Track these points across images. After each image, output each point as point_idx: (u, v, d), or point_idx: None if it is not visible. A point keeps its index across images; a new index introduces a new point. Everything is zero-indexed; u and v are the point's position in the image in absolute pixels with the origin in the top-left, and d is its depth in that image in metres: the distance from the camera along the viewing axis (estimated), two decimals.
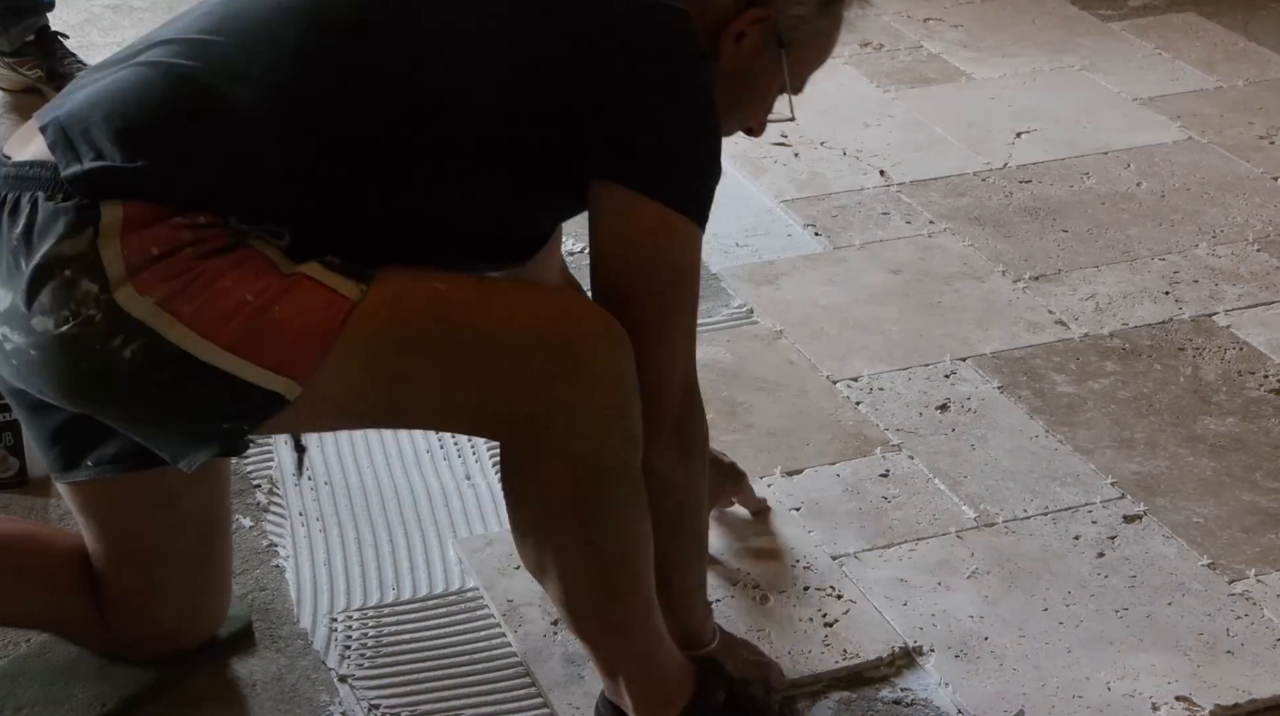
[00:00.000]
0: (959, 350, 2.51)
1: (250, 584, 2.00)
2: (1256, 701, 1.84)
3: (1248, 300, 2.67)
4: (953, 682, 1.86)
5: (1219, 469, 2.25)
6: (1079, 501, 2.17)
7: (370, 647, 1.89)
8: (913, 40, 3.69)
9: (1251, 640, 1.93)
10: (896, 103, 3.38)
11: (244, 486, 2.17)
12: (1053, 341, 2.55)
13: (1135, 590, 2.01)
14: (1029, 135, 3.24)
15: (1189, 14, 3.88)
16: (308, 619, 1.95)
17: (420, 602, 1.97)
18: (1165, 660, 1.89)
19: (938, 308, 2.63)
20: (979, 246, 2.82)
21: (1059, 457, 2.26)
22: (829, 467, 2.23)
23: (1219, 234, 2.88)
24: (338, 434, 2.26)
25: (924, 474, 2.22)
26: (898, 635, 1.92)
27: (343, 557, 2.04)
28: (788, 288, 2.68)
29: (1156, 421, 2.35)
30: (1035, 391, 2.41)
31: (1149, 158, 3.16)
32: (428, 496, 2.15)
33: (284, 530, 2.09)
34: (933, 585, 2.01)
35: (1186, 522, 2.13)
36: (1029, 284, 2.71)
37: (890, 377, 2.44)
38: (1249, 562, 2.06)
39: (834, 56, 1.81)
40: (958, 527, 2.11)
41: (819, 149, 3.17)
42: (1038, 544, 2.09)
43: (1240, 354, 2.52)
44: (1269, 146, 3.21)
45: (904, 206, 2.96)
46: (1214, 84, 3.50)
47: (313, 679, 1.86)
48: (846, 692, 1.84)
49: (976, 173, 3.09)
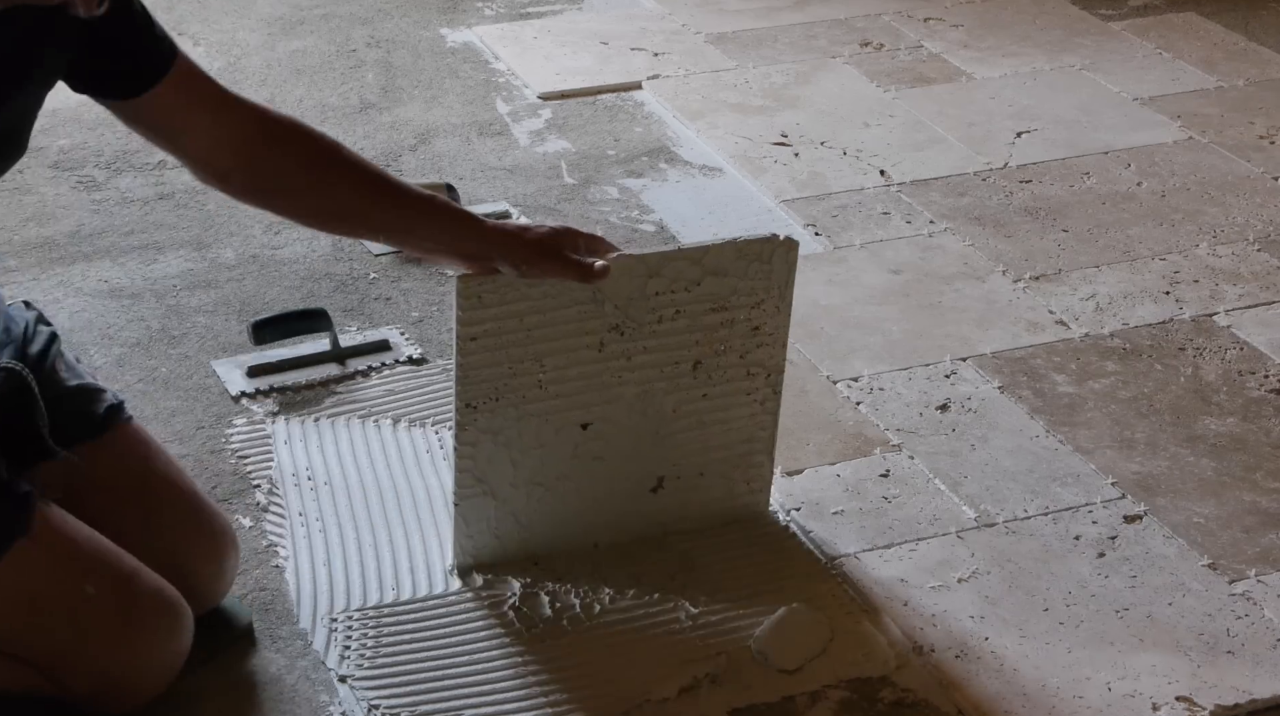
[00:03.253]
0: (959, 350, 2.51)
1: (250, 584, 2.00)
2: (1257, 701, 1.84)
3: (1248, 300, 2.67)
4: (953, 682, 1.86)
5: (1219, 469, 2.25)
6: (1079, 501, 2.17)
7: (370, 647, 1.89)
8: (913, 40, 3.69)
9: (1252, 640, 1.93)
10: (896, 103, 3.38)
11: (244, 486, 2.17)
12: (1053, 341, 2.55)
13: (1135, 590, 2.01)
14: (1029, 135, 3.24)
15: (1189, 14, 3.88)
16: (307, 619, 1.94)
17: (420, 602, 1.97)
18: (1166, 660, 1.89)
19: (938, 308, 2.63)
20: (979, 246, 2.82)
21: (1059, 458, 2.26)
22: (829, 467, 2.23)
23: (1219, 234, 2.88)
24: (338, 434, 2.26)
25: (924, 474, 2.22)
26: (898, 635, 1.92)
27: (343, 558, 2.04)
28: None
29: (1157, 421, 2.35)
30: (1035, 391, 2.41)
31: (1149, 157, 3.16)
32: (428, 496, 2.15)
33: (284, 530, 2.09)
34: (933, 585, 2.01)
35: (1187, 523, 2.13)
36: (1029, 284, 2.71)
37: (890, 377, 2.44)
38: (1249, 563, 2.06)
39: (833, 56, 1.80)
40: (958, 527, 2.11)
41: (819, 149, 3.17)
42: (1038, 544, 2.09)
43: (1240, 354, 2.52)
44: (1269, 146, 3.21)
45: (904, 206, 2.96)
46: (1214, 84, 3.50)
47: (312, 679, 1.86)
48: (846, 693, 1.84)
49: (977, 172, 3.09)
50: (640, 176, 3.06)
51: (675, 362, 1.95)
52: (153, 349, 2.48)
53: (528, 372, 1.89)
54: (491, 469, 1.94)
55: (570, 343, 1.89)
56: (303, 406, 2.33)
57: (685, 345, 1.94)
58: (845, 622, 1.94)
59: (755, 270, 1.92)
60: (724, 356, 1.96)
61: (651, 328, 1.91)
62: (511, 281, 1.82)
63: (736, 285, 1.92)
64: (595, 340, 1.90)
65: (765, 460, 2.07)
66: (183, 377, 2.40)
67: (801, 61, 3.53)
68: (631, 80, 3.47)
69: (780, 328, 1.97)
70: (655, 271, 1.88)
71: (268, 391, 2.35)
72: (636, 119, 3.31)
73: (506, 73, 3.51)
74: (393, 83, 3.42)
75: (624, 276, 1.87)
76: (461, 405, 1.89)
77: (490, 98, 3.39)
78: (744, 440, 2.04)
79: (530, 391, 1.90)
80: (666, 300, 1.90)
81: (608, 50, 3.61)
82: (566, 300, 1.86)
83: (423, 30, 3.71)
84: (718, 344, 1.95)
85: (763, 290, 1.94)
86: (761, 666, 1.86)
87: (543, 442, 1.95)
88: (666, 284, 1.89)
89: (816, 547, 2.07)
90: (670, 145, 3.20)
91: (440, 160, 3.10)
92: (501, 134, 3.23)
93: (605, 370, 1.92)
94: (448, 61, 3.56)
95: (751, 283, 1.93)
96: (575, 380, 1.92)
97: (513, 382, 1.89)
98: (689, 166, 3.11)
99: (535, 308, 1.85)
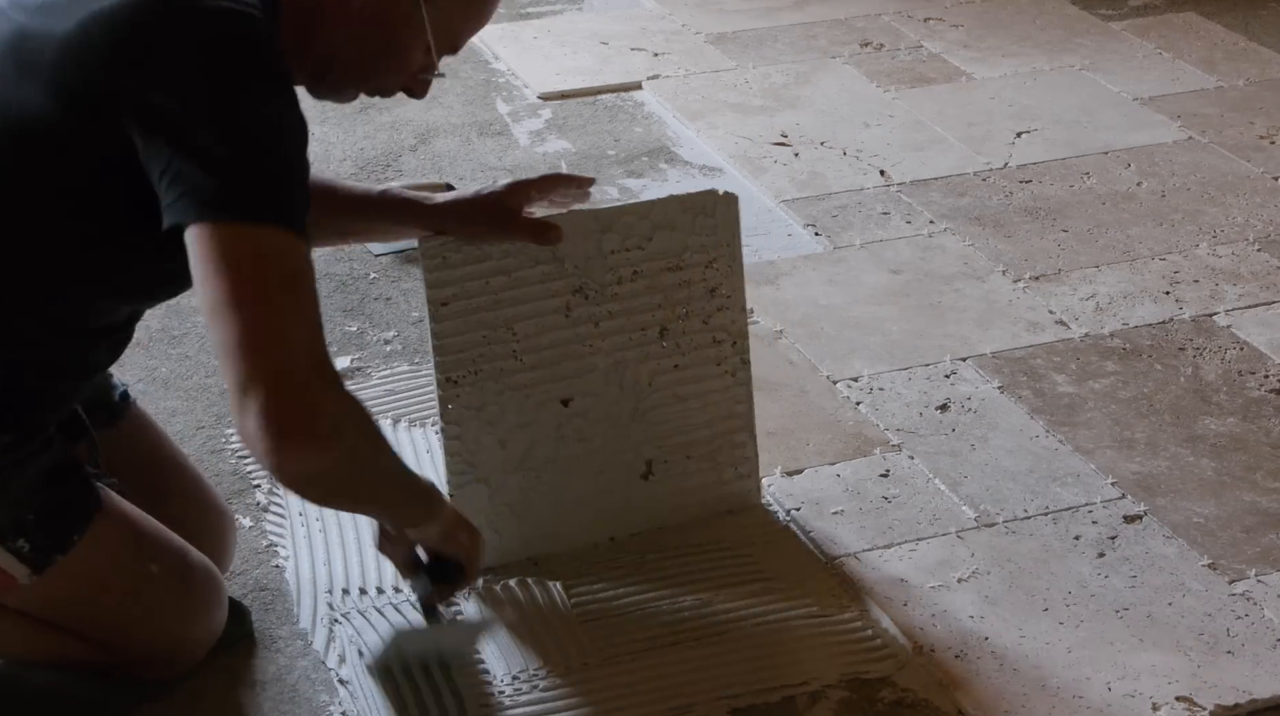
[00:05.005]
0: (959, 350, 2.51)
1: (250, 584, 2.00)
2: (1257, 701, 1.84)
3: (1248, 300, 2.67)
4: (953, 682, 1.86)
5: (1219, 469, 2.25)
6: (1079, 501, 2.17)
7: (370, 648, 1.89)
8: (913, 40, 3.69)
9: (1252, 640, 1.93)
10: (896, 103, 3.38)
11: (244, 486, 2.18)
12: (1053, 341, 2.55)
13: (1136, 590, 2.01)
14: (1029, 135, 3.24)
15: (1189, 14, 3.88)
16: (307, 619, 1.95)
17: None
18: (1166, 660, 1.89)
19: (938, 308, 2.63)
20: (979, 246, 2.82)
21: (1059, 457, 2.26)
22: (829, 467, 2.23)
23: (1219, 234, 2.88)
24: None
25: (924, 474, 2.22)
26: (898, 635, 1.92)
27: (343, 558, 2.04)
28: (788, 287, 2.68)
29: (1157, 421, 2.35)
30: (1035, 391, 2.41)
31: (1149, 157, 3.16)
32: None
33: (284, 530, 2.09)
34: (933, 585, 2.01)
35: (1187, 522, 2.13)
36: (1029, 284, 2.71)
37: (890, 377, 2.44)
38: (1249, 562, 2.06)
39: (833, 56, 1.80)
40: (958, 527, 2.11)
41: (819, 149, 3.17)
42: (1038, 544, 2.09)
43: (1240, 354, 2.52)
44: (1269, 146, 3.21)
45: (904, 206, 2.96)
46: (1214, 84, 3.50)
47: (312, 679, 1.86)
48: (846, 693, 1.84)
49: (977, 172, 3.09)
50: (640, 176, 3.06)
51: (642, 328, 2.00)
52: (153, 349, 2.48)
53: (501, 341, 1.94)
54: (480, 451, 1.97)
55: (537, 306, 1.95)
56: None
57: (648, 308, 2.00)
58: (845, 622, 1.94)
59: (701, 224, 2.00)
60: (687, 321, 2.02)
61: (613, 289, 1.97)
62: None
63: (686, 241, 2.00)
64: (561, 303, 1.96)
65: (748, 439, 2.10)
66: (183, 377, 2.40)
67: (801, 61, 3.53)
68: (631, 80, 3.47)
69: (736, 290, 2.04)
70: (607, 227, 1.96)
71: None
72: (636, 119, 3.31)
73: (506, 73, 3.51)
74: None
75: (578, 234, 1.94)
76: (442, 378, 1.93)
77: (490, 98, 3.39)
78: (724, 417, 2.07)
79: (507, 361, 1.95)
80: (622, 258, 1.97)
81: (608, 50, 3.62)
82: (528, 259, 1.93)
83: None
84: (679, 306, 2.01)
85: (712, 247, 2.01)
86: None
87: (526, 420, 1.98)
88: (620, 241, 1.96)
89: (816, 547, 2.07)
90: (670, 145, 3.20)
91: (440, 160, 3.10)
92: (501, 134, 3.23)
93: (575, 337, 1.98)
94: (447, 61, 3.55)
95: (700, 238, 2.00)
96: (548, 348, 1.97)
97: (488, 352, 1.94)
98: (689, 166, 3.11)
99: (499, 268, 1.92)
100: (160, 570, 1.75)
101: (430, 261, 1.90)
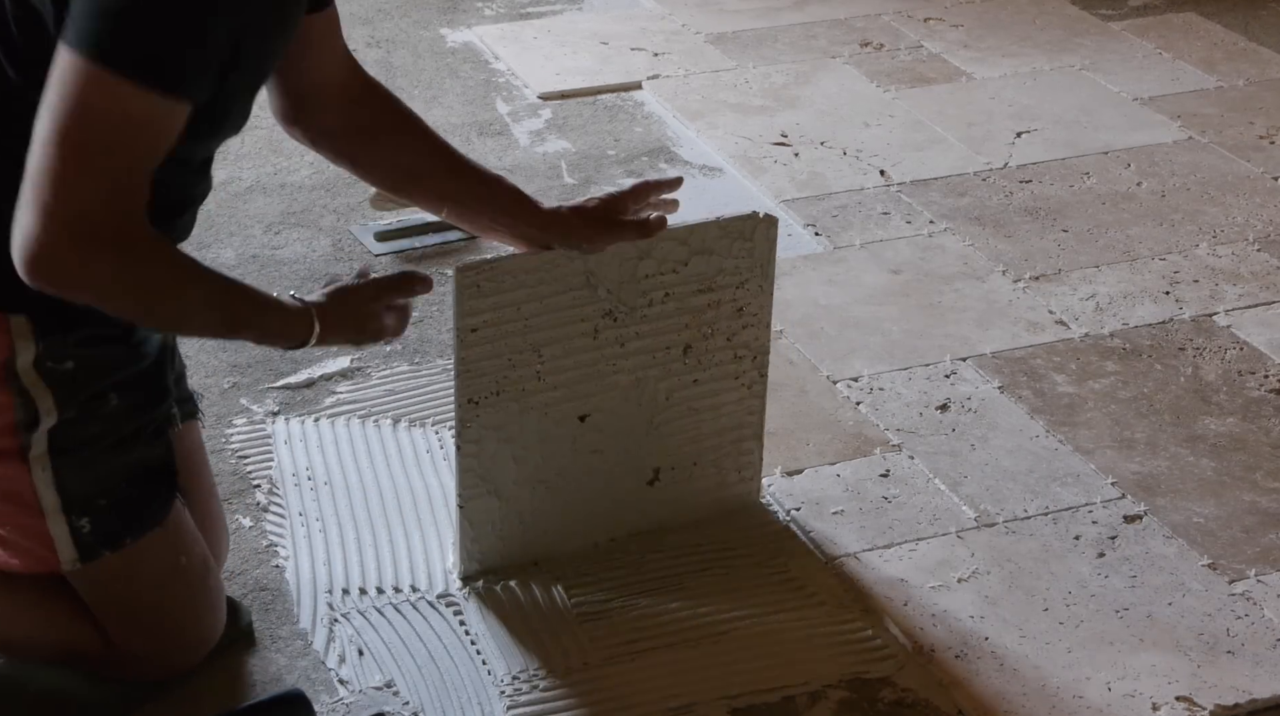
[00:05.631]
0: (959, 350, 2.51)
1: (250, 584, 2.00)
2: (1257, 701, 1.84)
3: (1248, 300, 2.67)
4: (953, 682, 1.86)
5: (1219, 469, 2.25)
6: (1079, 501, 2.17)
7: (370, 648, 1.89)
8: (913, 40, 3.69)
9: (1252, 640, 1.93)
10: (896, 103, 3.38)
11: (244, 486, 2.17)
12: (1053, 341, 2.55)
13: (1135, 590, 2.01)
14: (1029, 135, 3.24)
15: (1189, 14, 3.88)
16: (307, 619, 1.95)
17: (421, 601, 1.97)
18: (1166, 660, 1.89)
19: (938, 308, 2.64)
20: (979, 246, 2.82)
21: (1059, 457, 2.26)
22: (829, 467, 2.23)
23: (1219, 234, 2.88)
24: (338, 434, 2.26)
25: (924, 474, 2.22)
26: (898, 635, 1.92)
27: (343, 558, 2.04)
28: (788, 287, 2.68)
29: (1157, 421, 2.35)
30: (1035, 391, 2.42)
31: (1149, 157, 3.16)
32: (427, 496, 2.15)
33: (284, 530, 2.09)
34: (933, 585, 2.01)
35: (1187, 522, 2.13)
36: (1029, 284, 2.71)
37: (890, 378, 2.44)
38: (1249, 562, 2.06)
39: (833, 56, 1.81)
40: (958, 527, 2.11)
41: (819, 149, 3.17)
42: (1038, 544, 2.09)
43: (1240, 354, 2.52)
44: (1269, 146, 3.21)
45: (904, 206, 2.96)
46: (1214, 84, 3.50)
47: (312, 679, 1.86)
48: (846, 693, 1.84)
49: (977, 172, 3.09)
50: (640, 176, 3.06)
51: (666, 348, 1.98)
52: None
53: (526, 364, 1.90)
54: (495, 467, 1.95)
55: (566, 330, 1.91)
56: (303, 406, 2.33)
57: (675, 329, 1.97)
58: (845, 622, 1.94)
59: (739, 248, 1.97)
60: (712, 339, 2.00)
61: (642, 312, 1.95)
62: (508, 268, 1.85)
63: (722, 264, 1.97)
64: (590, 327, 1.92)
65: (755, 446, 2.09)
66: None
67: (801, 61, 3.53)
68: (631, 80, 3.47)
69: (764, 308, 2.02)
70: (645, 253, 1.92)
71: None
72: (636, 119, 3.31)
73: (506, 73, 3.51)
74: (393, 83, 3.42)
75: (615, 259, 1.90)
76: (464, 401, 1.89)
77: (490, 98, 3.39)
78: (734, 426, 2.06)
79: (529, 383, 1.91)
80: (656, 283, 1.94)
81: (608, 50, 3.62)
82: (561, 286, 1.89)
83: (423, 30, 3.71)
84: (705, 327, 1.99)
85: (746, 269, 1.99)
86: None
87: (544, 437, 1.95)
88: (656, 266, 1.93)
89: (816, 547, 2.07)
90: (670, 145, 3.20)
91: None
92: (501, 134, 3.23)
93: (600, 358, 1.94)
94: (448, 61, 3.56)
95: (736, 261, 1.98)
96: (571, 370, 1.93)
97: (512, 375, 1.90)
98: (689, 166, 3.11)
99: (532, 295, 1.87)
100: (188, 563, 1.78)
101: (464, 291, 1.83)
